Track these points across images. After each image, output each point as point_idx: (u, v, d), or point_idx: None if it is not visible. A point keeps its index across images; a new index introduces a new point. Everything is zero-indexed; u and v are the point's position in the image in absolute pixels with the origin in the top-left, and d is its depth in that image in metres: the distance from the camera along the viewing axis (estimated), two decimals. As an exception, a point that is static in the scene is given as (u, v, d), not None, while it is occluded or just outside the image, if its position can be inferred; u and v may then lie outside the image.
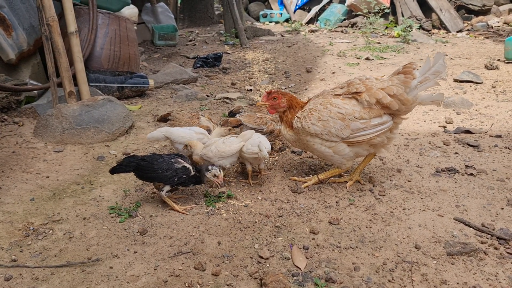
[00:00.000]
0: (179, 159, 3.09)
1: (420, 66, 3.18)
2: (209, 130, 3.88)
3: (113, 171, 3.13)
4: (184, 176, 3.05)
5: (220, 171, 3.09)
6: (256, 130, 3.87)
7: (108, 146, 4.37)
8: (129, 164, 3.10)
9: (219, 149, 3.36)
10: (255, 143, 3.35)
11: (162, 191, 3.09)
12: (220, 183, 3.09)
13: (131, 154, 3.07)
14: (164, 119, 4.16)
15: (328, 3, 16.10)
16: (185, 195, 3.33)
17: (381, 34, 11.98)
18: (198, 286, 2.35)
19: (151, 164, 3.05)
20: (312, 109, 3.30)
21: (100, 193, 3.39)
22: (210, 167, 3.09)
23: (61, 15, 5.46)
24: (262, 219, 3.02)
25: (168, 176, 3.02)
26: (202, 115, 4.11)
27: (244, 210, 3.14)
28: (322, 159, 3.82)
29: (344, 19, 14.94)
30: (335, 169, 3.52)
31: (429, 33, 11.97)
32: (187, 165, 3.08)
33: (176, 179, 3.04)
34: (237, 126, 4.01)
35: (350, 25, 14.01)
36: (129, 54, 6.33)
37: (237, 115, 4.01)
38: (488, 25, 12.48)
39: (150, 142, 4.39)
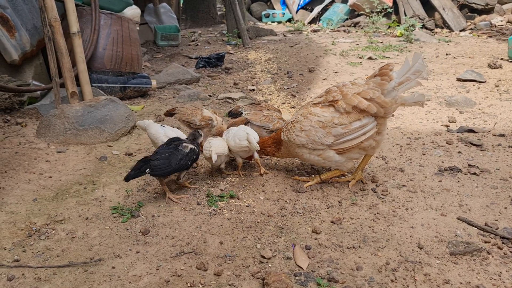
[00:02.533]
0: (183, 144, 3.27)
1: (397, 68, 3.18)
2: (211, 120, 3.92)
3: (128, 178, 3.00)
4: (194, 157, 3.30)
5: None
6: (263, 128, 3.91)
7: (110, 146, 4.38)
8: (142, 169, 3.06)
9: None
10: (243, 137, 3.41)
11: (180, 179, 3.33)
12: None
13: (141, 159, 3.10)
14: (170, 113, 4.16)
15: (331, 3, 16.08)
16: (187, 195, 3.33)
17: (383, 33, 11.96)
18: (200, 286, 2.34)
19: (167, 160, 3.12)
20: (294, 121, 3.36)
21: (102, 193, 3.39)
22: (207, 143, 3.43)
23: (63, 16, 5.47)
24: (265, 219, 3.02)
25: (183, 163, 3.19)
26: (205, 107, 4.13)
27: (247, 210, 3.14)
28: (316, 165, 3.82)
29: (347, 19, 14.92)
30: (337, 170, 3.52)
31: (432, 32, 11.93)
32: (192, 146, 3.30)
33: (189, 163, 3.25)
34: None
35: (352, 25, 13.99)
36: (131, 55, 6.34)
37: (242, 113, 3.99)
38: (491, 24, 12.43)
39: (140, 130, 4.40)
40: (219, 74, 8.08)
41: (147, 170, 3.04)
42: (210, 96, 6.46)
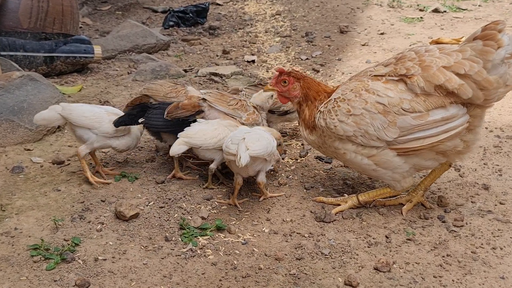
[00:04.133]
0: None
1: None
2: (201, 106, 3.92)
3: (118, 123, 3.57)
4: None
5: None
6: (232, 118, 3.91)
7: (29, 150, 4.37)
8: (137, 116, 3.53)
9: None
10: (237, 139, 3.35)
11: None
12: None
13: (139, 103, 3.31)
14: (140, 105, 4.14)
15: None
16: (152, 227, 3.33)
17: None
18: None
19: None
20: (340, 98, 3.32)
21: (16, 224, 3.38)
22: None
23: None
24: (271, 263, 3.00)
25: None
26: (187, 84, 4.18)
27: (242, 249, 3.13)
28: (363, 174, 3.82)
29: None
30: (385, 189, 3.50)
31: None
32: None
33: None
34: (193, 115, 3.92)
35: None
36: (62, 6, 6.33)
37: (202, 93, 3.97)
38: None
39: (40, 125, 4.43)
40: (200, 37, 8.08)
41: (141, 119, 3.27)
42: (185, 71, 6.46)
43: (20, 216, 3.47)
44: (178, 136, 3.63)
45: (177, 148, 3.59)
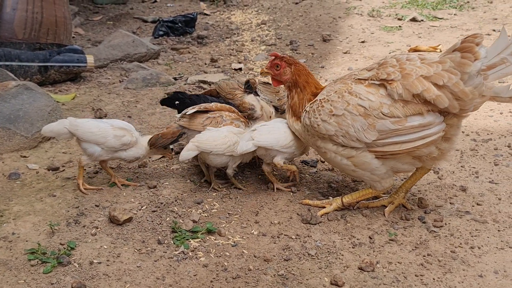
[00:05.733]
0: None
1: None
2: (253, 110, 4.11)
3: (163, 102, 4.31)
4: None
5: None
6: None
7: (25, 157, 4.35)
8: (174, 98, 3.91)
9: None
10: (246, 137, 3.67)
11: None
12: None
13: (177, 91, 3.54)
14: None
15: None
16: (145, 231, 3.32)
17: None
18: None
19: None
20: (324, 99, 3.35)
21: (13, 229, 3.36)
22: None
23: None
24: (260, 264, 3.01)
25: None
26: (247, 91, 4.27)
27: (232, 251, 3.13)
28: (344, 173, 3.84)
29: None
30: (367, 190, 3.52)
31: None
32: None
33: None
34: (175, 139, 3.95)
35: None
36: (55, 17, 6.30)
37: (176, 119, 4.03)
38: None
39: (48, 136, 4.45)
40: (188, 46, 8.07)
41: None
42: (175, 79, 6.46)
43: (17, 221, 3.45)
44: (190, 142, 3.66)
45: (187, 153, 3.59)
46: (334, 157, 3.37)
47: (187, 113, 3.90)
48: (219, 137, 3.65)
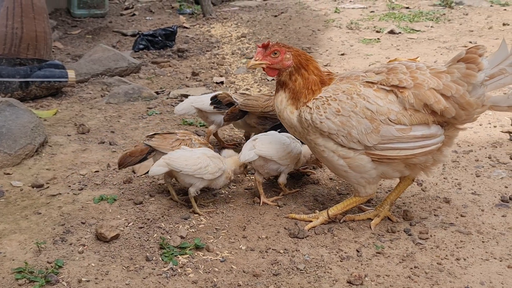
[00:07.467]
0: None
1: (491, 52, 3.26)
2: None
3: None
4: None
5: None
6: None
7: (8, 174, 4.31)
8: None
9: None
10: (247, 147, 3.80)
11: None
12: None
13: None
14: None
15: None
16: (133, 248, 3.31)
17: (410, -5, 12.22)
18: None
19: None
20: (331, 97, 3.33)
21: (-1, 247, 3.34)
22: None
23: None
24: (249, 280, 3.01)
25: None
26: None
27: (221, 267, 3.13)
28: (333, 173, 3.86)
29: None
30: (351, 199, 3.56)
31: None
32: None
33: None
34: (144, 157, 3.99)
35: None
36: (35, 32, 6.29)
37: (145, 138, 4.04)
38: None
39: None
40: (169, 60, 8.07)
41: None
42: (157, 93, 6.45)
43: (2, 240, 3.41)
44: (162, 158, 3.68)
45: (157, 169, 3.63)
46: (332, 156, 3.36)
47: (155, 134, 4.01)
48: (191, 158, 3.66)
